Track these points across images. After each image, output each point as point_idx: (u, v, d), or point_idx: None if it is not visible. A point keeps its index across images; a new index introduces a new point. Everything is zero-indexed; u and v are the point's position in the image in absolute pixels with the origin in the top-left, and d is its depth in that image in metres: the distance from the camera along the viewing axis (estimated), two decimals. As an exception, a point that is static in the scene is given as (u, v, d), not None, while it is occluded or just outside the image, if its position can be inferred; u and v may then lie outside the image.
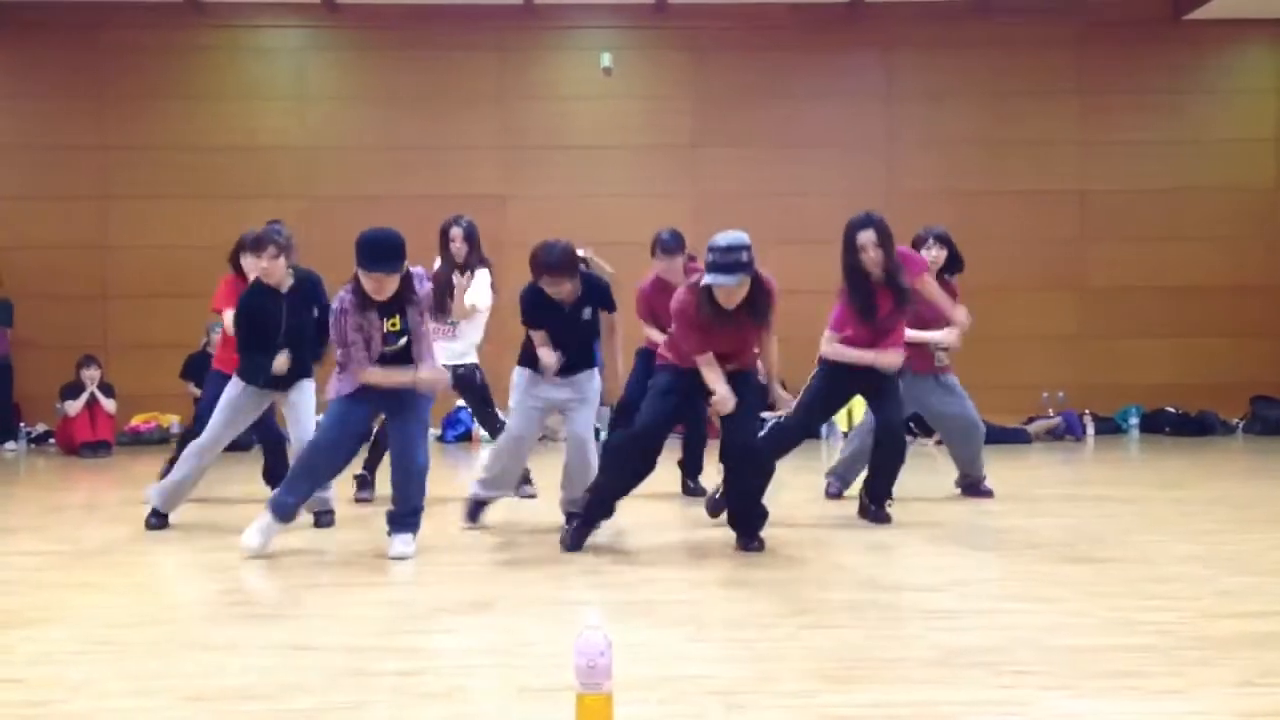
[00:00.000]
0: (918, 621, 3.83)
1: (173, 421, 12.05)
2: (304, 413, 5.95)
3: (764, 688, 3.05)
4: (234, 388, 5.90)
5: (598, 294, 5.66)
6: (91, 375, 11.02)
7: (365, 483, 6.96)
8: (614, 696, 2.64)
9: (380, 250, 4.94)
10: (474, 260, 6.91)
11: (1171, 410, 12.31)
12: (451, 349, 6.91)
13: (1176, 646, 3.45)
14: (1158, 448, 10.89)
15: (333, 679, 3.18)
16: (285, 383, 5.91)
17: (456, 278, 6.77)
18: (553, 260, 5.37)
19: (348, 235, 7.57)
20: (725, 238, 4.99)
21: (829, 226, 5.96)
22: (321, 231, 10.49)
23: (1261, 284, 12.84)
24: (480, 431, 11.94)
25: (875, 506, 6.01)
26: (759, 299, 5.12)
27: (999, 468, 9.10)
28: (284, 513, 5.12)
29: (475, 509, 5.95)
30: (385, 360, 5.10)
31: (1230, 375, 12.60)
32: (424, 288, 5.19)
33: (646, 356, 6.69)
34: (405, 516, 5.15)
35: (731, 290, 5.00)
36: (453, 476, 8.47)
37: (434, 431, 12.12)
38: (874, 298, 5.84)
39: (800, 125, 12.68)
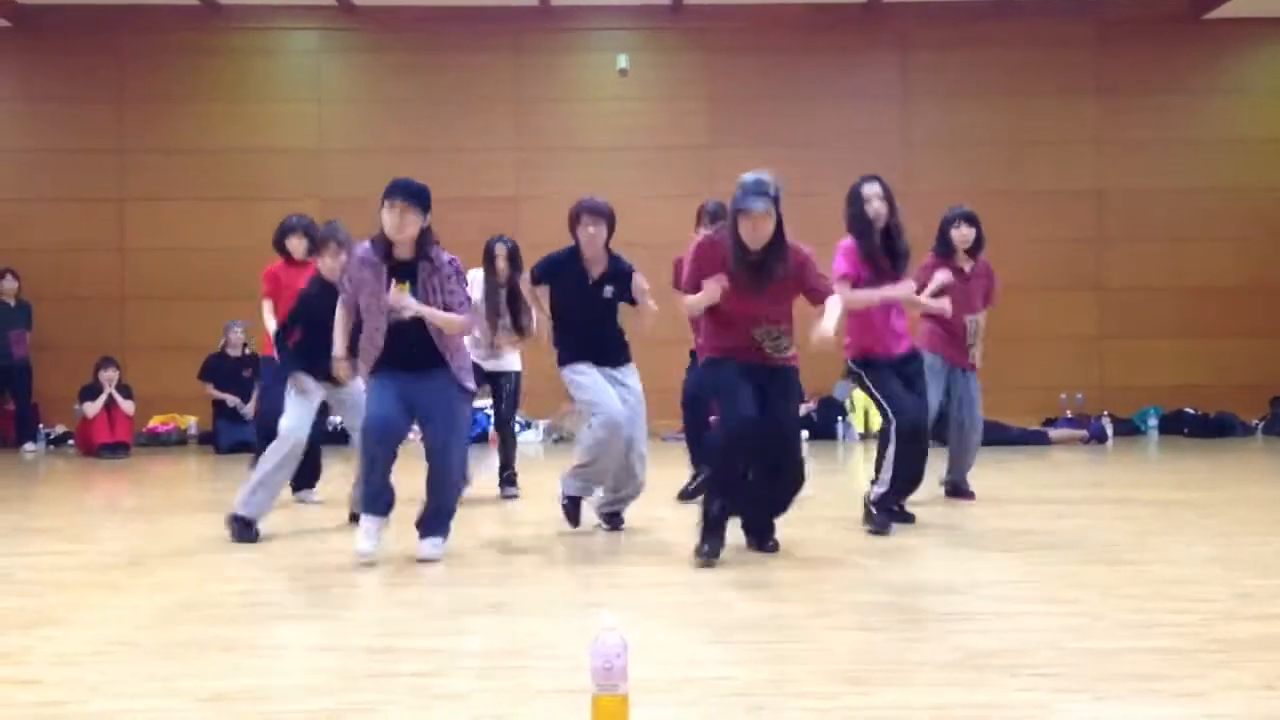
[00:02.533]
0: (937, 624, 3.81)
1: (190, 423, 12.11)
2: (355, 406, 5.88)
3: (783, 689, 3.04)
4: (294, 384, 5.85)
5: (623, 276, 5.68)
6: (109, 377, 11.08)
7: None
8: (631, 698, 2.63)
9: (405, 183, 4.88)
10: (515, 279, 6.90)
11: (1190, 411, 12.24)
12: (509, 357, 7.04)
13: (1196, 649, 3.42)
14: (1177, 449, 10.82)
15: (350, 680, 3.19)
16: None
17: (524, 288, 6.55)
18: (597, 203, 5.63)
19: (363, 237, 7.58)
20: (753, 174, 5.02)
21: (844, 227, 5.93)
22: (338, 233, 10.49)
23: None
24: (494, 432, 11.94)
25: (878, 513, 5.69)
26: (790, 260, 4.97)
27: (1018, 469, 9.08)
28: (374, 507, 5.00)
29: (572, 507, 5.80)
30: (393, 331, 4.93)
31: (1250, 376, 12.53)
32: (452, 265, 4.98)
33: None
34: (436, 519, 5.06)
35: (758, 220, 4.90)
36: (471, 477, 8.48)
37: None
38: (878, 249, 5.79)
39: (816, 125, 12.66)
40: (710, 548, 4.89)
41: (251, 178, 12.59)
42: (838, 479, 8.70)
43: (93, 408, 10.93)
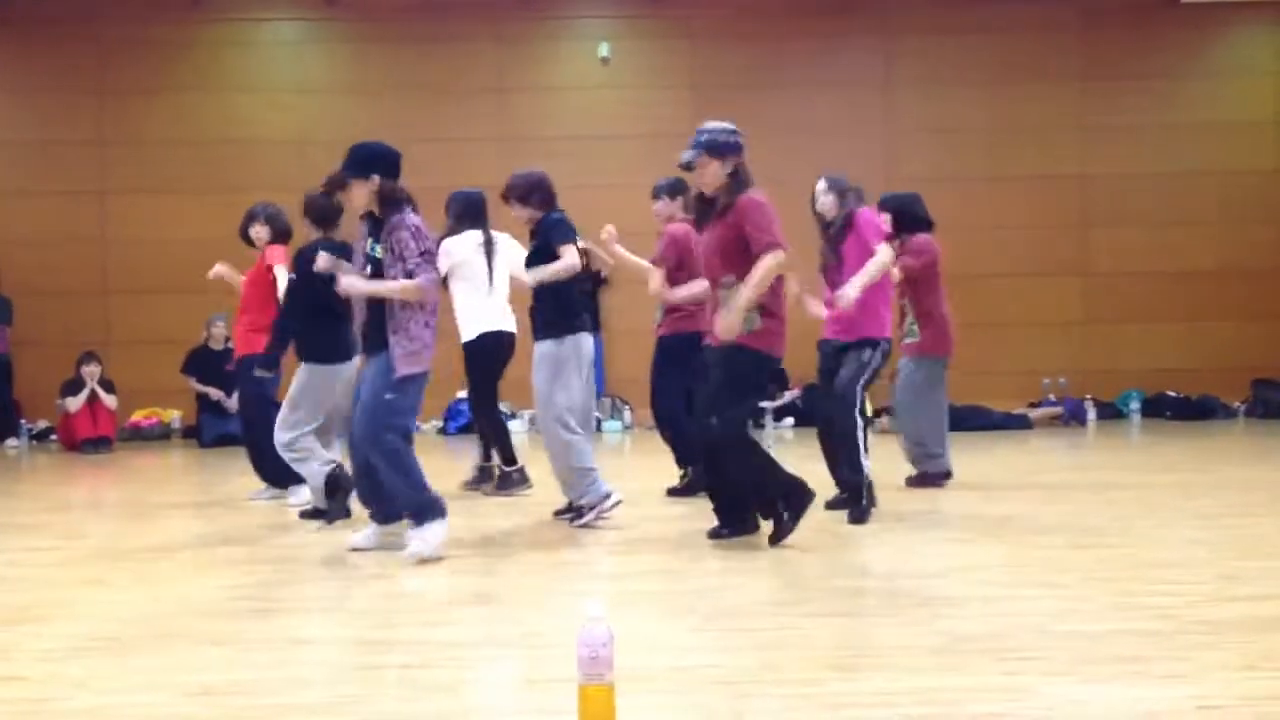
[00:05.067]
0: (921, 609, 3.83)
1: (174, 416, 12.06)
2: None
3: (768, 677, 3.05)
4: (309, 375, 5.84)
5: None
6: (92, 371, 11.02)
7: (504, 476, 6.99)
8: (617, 687, 2.64)
9: (350, 150, 5.07)
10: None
11: (1173, 394, 12.31)
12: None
13: (1180, 631, 3.45)
14: (1159, 432, 10.88)
15: (337, 672, 3.18)
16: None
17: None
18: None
19: (346, 227, 7.54)
20: (705, 123, 5.14)
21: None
22: (321, 225, 10.46)
23: (1262, 267, 12.83)
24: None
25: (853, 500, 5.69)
26: (738, 210, 4.91)
27: (1001, 454, 9.12)
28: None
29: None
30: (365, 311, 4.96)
31: (1231, 359, 12.59)
32: (403, 233, 4.81)
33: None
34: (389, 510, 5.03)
35: (696, 170, 5.00)
36: (456, 469, 8.47)
37: (435, 423, 12.11)
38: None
39: (798, 113, 12.65)
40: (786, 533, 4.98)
41: (234, 169, 12.51)
42: (822, 466, 8.72)
43: (75, 402, 10.87)
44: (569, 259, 5.71)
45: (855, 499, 5.63)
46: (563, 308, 5.71)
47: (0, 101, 12.71)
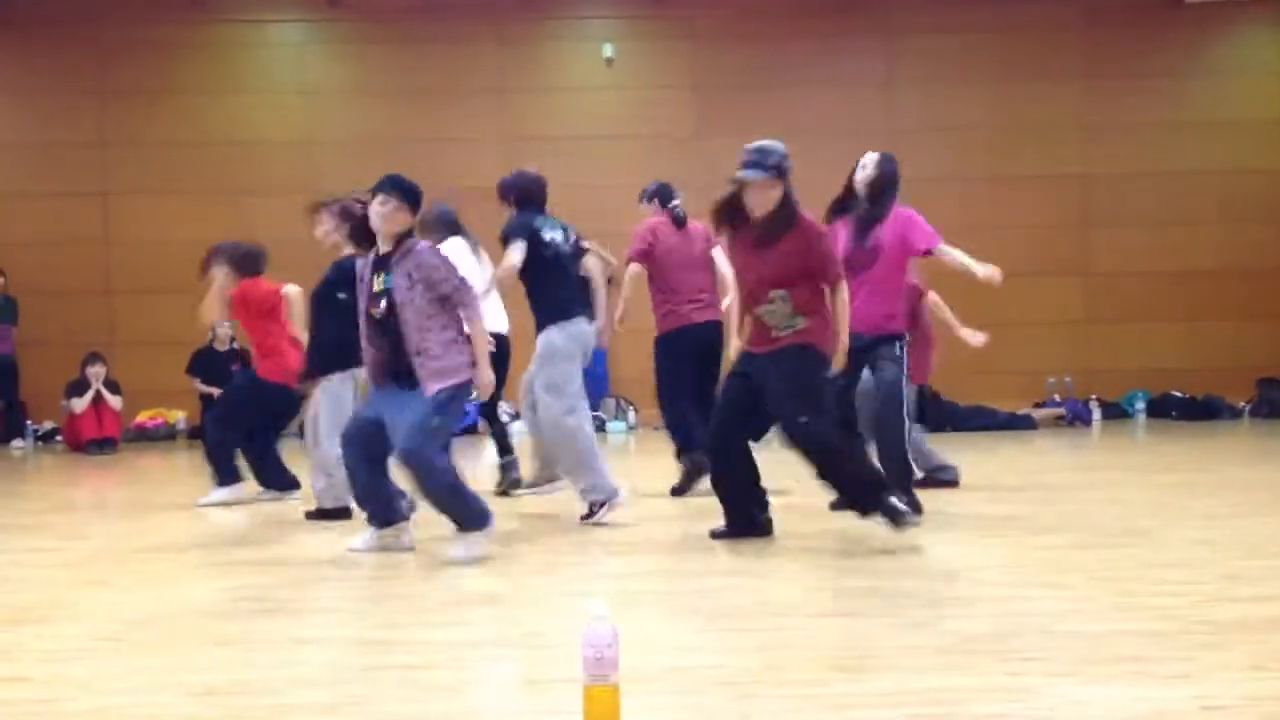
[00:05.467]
0: (926, 609, 3.83)
1: (179, 417, 12.07)
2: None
3: (772, 677, 3.05)
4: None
5: None
6: (97, 372, 11.03)
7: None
8: (621, 688, 2.63)
9: (392, 177, 4.84)
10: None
11: (1178, 394, 12.30)
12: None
13: (1185, 631, 3.44)
14: (1164, 432, 10.87)
15: (341, 673, 3.18)
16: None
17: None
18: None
19: (350, 229, 7.45)
20: (760, 142, 5.08)
21: (825, 212, 5.93)
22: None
23: (1267, 266, 12.81)
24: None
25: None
26: (801, 235, 4.91)
27: (1006, 454, 9.11)
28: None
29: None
30: (368, 323, 4.85)
31: (1236, 359, 12.58)
32: (432, 258, 4.77)
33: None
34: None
35: (754, 188, 4.93)
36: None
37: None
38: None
39: (801, 113, 12.64)
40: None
41: (236, 170, 12.54)
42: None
43: (80, 403, 10.89)
44: (505, 260, 5.75)
45: (906, 490, 5.49)
46: (545, 298, 5.73)
47: (2, 103, 12.73)
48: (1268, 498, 6.29)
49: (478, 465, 8.01)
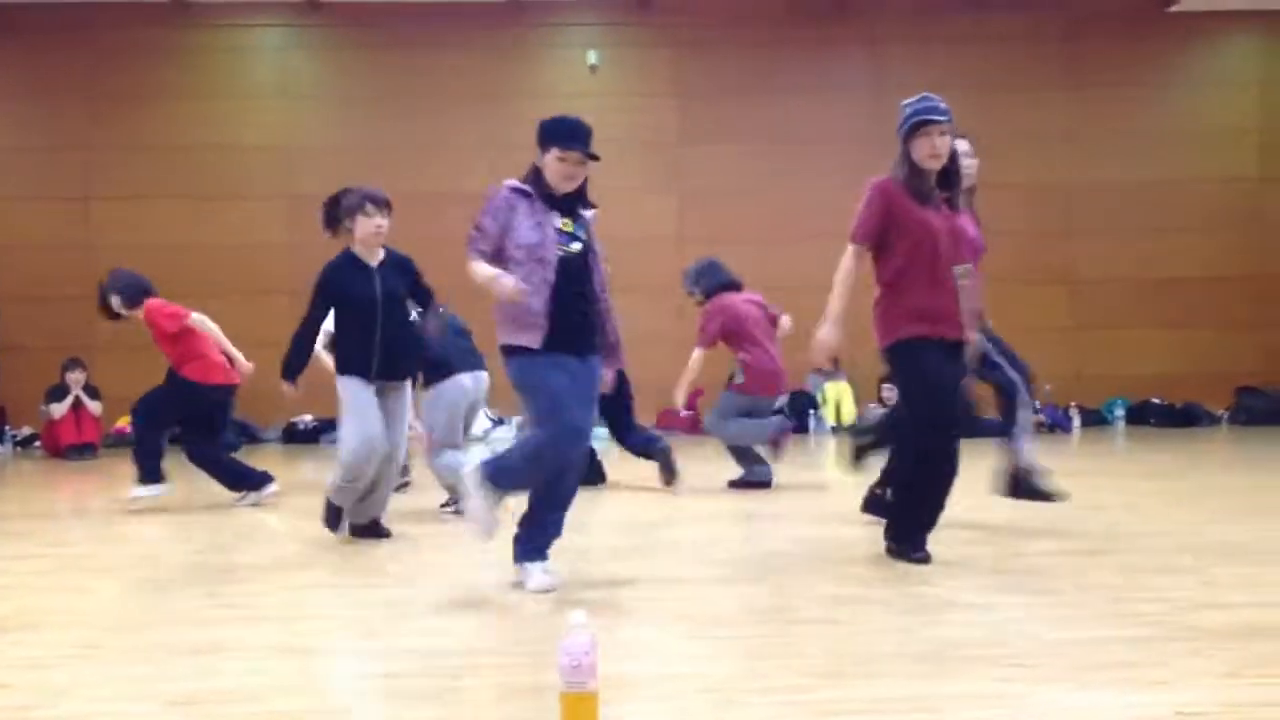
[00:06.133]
0: (910, 616, 3.83)
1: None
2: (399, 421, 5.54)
3: (754, 684, 3.04)
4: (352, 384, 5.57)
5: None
6: (76, 378, 10.97)
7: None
8: (601, 695, 2.63)
9: (577, 127, 4.38)
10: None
11: (1157, 401, 12.36)
12: None
13: (1166, 638, 3.45)
14: (1144, 439, 10.93)
15: (322, 681, 3.17)
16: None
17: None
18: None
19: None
20: (918, 96, 4.67)
21: (816, 222, 5.95)
22: (305, 232, 10.44)
23: (1245, 275, 12.91)
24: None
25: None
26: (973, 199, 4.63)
27: (988, 461, 9.11)
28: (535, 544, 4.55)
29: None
30: (563, 266, 4.28)
31: (1217, 366, 12.66)
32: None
33: None
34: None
35: (945, 134, 4.54)
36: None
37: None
38: None
39: (787, 120, 12.69)
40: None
41: (220, 175, 12.50)
42: (808, 474, 8.73)
43: (59, 409, 10.82)
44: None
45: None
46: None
47: (-16, 107, 12.67)
48: (1246, 504, 6.32)
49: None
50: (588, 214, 4.50)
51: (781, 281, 9.70)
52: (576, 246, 4.34)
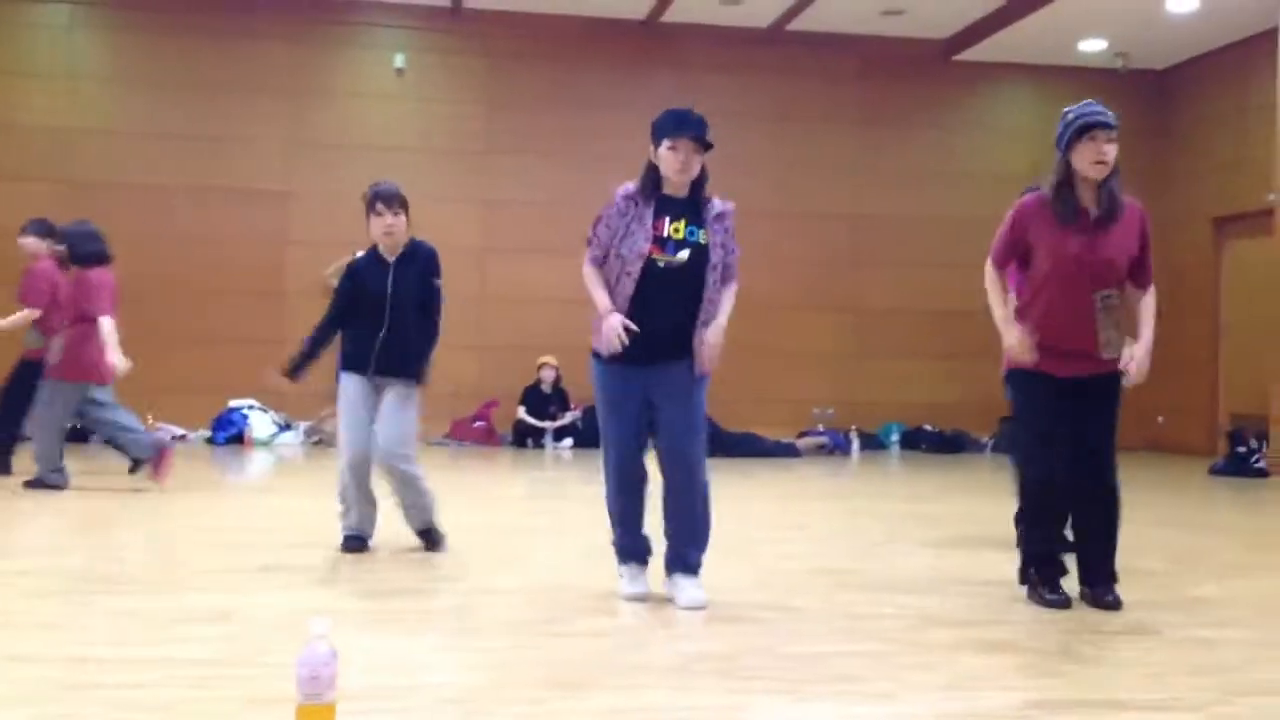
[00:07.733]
0: (664, 629, 3.95)
1: None
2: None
3: (496, 695, 3.08)
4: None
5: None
6: None
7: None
8: (343, 707, 2.61)
9: (687, 115, 4.29)
10: None
11: (929, 428, 13.05)
12: None
13: (897, 652, 3.66)
14: (914, 464, 11.52)
15: (49, 691, 3.04)
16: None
17: None
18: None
19: (110, 224, 7.23)
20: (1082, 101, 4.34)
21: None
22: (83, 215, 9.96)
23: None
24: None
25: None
26: (1138, 217, 4.31)
27: (770, 479, 9.46)
28: (626, 553, 4.45)
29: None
30: (657, 275, 4.15)
31: (985, 396, 13.41)
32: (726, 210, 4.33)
33: None
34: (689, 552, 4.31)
35: (1112, 142, 4.20)
36: (221, 480, 8.14)
37: (203, 432, 11.59)
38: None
39: (594, 135, 12.82)
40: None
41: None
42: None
43: None
44: None
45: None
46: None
47: None
48: (980, 532, 6.59)
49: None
50: (718, 206, 4.34)
51: (583, 293, 9.74)
52: (683, 255, 4.16)
